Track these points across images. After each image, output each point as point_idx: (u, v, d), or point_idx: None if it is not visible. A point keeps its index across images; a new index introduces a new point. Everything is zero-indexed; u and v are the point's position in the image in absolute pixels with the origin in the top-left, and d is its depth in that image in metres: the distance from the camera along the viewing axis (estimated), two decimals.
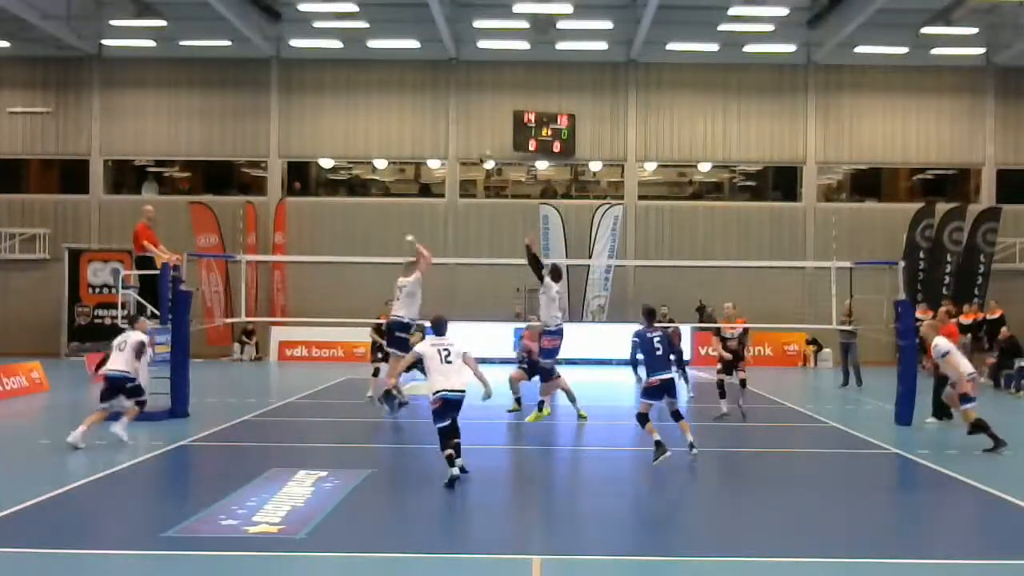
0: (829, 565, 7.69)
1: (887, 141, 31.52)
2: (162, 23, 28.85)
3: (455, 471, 10.31)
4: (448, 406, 10.43)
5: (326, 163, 32.83)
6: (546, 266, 15.26)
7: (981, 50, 30.62)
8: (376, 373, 17.41)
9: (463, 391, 10.54)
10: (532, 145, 30.51)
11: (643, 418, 11.72)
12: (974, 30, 28.87)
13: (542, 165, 32.60)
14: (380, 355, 17.38)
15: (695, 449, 11.88)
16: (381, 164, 32.60)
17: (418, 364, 11.13)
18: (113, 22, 29.38)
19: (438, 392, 10.47)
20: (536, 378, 15.32)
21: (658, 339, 11.87)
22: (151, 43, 30.47)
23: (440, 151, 31.61)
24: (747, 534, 8.65)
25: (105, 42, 30.97)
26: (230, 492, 9.73)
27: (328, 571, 7.59)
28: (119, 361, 12.95)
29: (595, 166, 32.24)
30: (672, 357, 12.10)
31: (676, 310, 26.32)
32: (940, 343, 13.66)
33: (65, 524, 8.67)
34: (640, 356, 12.06)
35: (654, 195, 32.39)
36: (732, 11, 28.51)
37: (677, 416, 12.03)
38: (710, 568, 7.66)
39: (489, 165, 30.99)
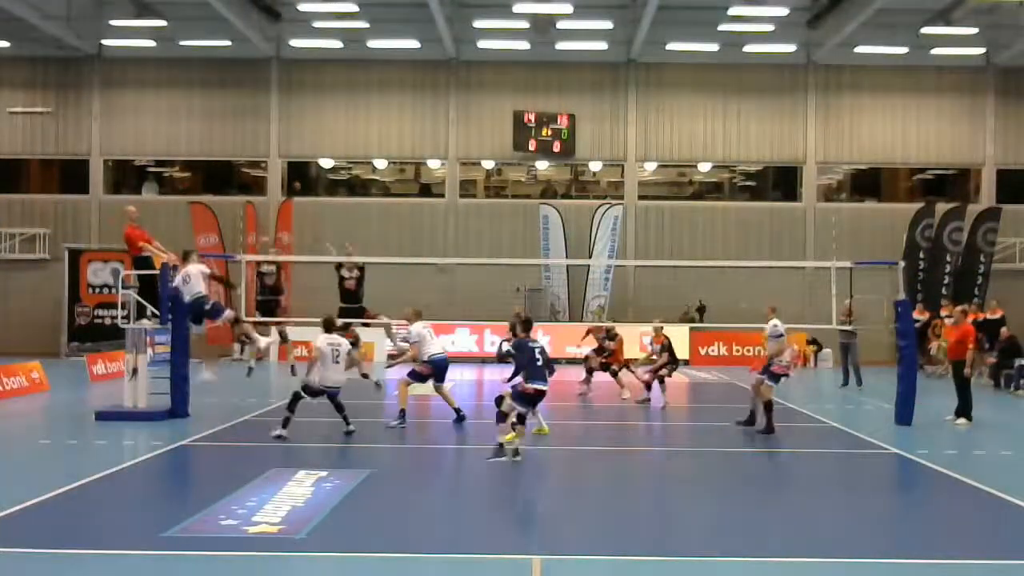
0: (829, 565, 7.69)
1: (887, 141, 31.53)
2: (162, 23, 28.86)
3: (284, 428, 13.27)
4: (326, 394, 13.36)
5: (326, 163, 32.83)
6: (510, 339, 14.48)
7: (981, 50, 30.63)
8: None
9: (342, 385, 13.50)
10: (532, 145, 30.53)
11: (503, 416, 11.72)
12: (974, 30, 28.88)
13: (542, 165, 32.60)
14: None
15: (517, 456, 11.56)
16: (381, 164, 32.61)
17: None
18: (113, 22, 29.40)
19: (327, 386, 13.29)
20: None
21: (539, 350, 12.03)
22: (151, 43, 30.48)
23: (440, 151, 31.62)
24: (747, 534, 8.64)
25: (105, 42, 30.98)
26: (230, 492, 9.71)
27: (328, 571, 7.58)
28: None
29: (595, 166, 32.25)
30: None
31: (676, 310, 26.25)
32: (778, 325, 15.76)
33: (65, 524, 8.67)
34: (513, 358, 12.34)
35: (654, 195, 32.39)
36: (732, 11, 28.53)
37: (522, 419, 11.85)
38: (710, 568, 7.65)
39: None
